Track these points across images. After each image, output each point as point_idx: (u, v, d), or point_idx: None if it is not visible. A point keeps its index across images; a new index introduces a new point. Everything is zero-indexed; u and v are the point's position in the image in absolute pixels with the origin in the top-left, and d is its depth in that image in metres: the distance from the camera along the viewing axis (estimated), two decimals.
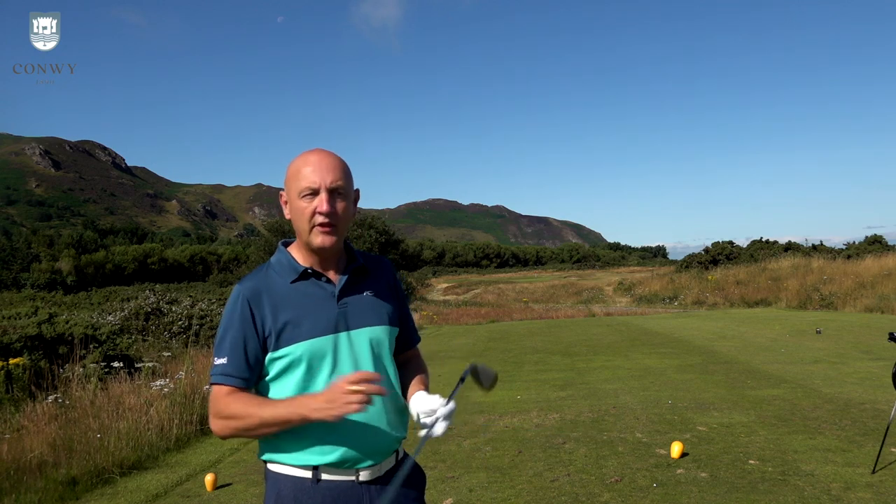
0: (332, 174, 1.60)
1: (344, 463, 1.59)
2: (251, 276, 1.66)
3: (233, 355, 1.58)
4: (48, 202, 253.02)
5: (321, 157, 1.61)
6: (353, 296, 1.67)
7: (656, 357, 10.03)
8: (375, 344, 1.67)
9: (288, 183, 1.64)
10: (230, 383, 1.57)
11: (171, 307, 12.75)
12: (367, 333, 1.66)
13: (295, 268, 1.65)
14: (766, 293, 23.58)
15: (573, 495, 4.00)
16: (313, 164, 1.60)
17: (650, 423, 5.71)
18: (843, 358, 9.05)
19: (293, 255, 1.68)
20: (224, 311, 1.64)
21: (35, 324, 7.86)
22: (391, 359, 1.72)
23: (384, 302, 1.73)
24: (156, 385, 6.38)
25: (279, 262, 1.68)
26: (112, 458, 5.01)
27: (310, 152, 1.64)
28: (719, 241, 38.83)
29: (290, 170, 1.63)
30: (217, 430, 1.57)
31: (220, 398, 1.56)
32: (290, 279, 1.64)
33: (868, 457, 4.44)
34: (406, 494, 1.68)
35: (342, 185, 1.61)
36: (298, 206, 1.60)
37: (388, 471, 1.66)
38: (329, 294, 1.64)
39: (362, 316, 1.66)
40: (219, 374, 1.58)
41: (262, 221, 62.69)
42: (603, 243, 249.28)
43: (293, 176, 1.61)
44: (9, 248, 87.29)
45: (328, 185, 1.59)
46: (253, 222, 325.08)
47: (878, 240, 31.26)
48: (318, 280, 1.65)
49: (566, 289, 48.94)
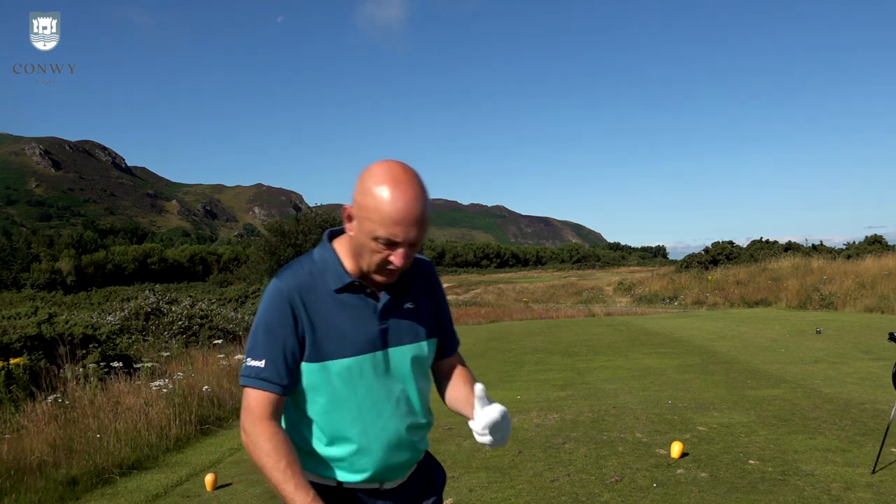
0: (416, 229, 1.41)
1: (369, 480, 1.56)
2: (292, 273, 1.53)
3: (272, 359, 1.48)
4: (48, 202, 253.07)
5: (409, 205, 1.39)
6: (394, 311, 1.56)
7: (656, 357, 10.03)
8: (413, 361, 1.59)
9: (361, 212, 1.42)
10: (269, 389, 1.47)
11: (171, 307, 12.75)
12: (405, 352, 1.57)
13: (341, 276, 1.52)
14: (766, 293, 23.58)
15: (573, 495, 4.00)
16: (399, 213, 1.38)
17: (650, 423, 5.71)
18: (843, 358, 9.04)
19: (341, 256, 1.54)
20: (261, 307, 1.53)
21: (35, 324, 7.86)
22: (427, 373, 1.65)
23: (425, 314, 1.63)
24: (155, 385, 6.37)
25: (324, 262, 1.54)
26: (112, 459, 5.01)
27: (397, 188, 1.39)
28: (719, 241, 38.89)
29: (369, 201, 1.40)
30: (244, 442, 1.50)
31: (254, 409, 1.48)
32: (335, 287, 1.51)
33: (868, 457, 4.44)
34: (428, 493, 1.68)
35: (422, 237, 1.44)
36: (369, 245, 1.43)
37: (410, 474, 1.64)
38: (371, 309, 1.53)
39: (401, 333, 1.57)
40: (254, 377, 1.48)
41: (262, 221, 62.55)
42: (603, 243, 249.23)
43: (371, 213, 1.40)
44: (9, 248, 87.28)
45: (411, 241, 1.42)
46: (253, 222, 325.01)
47: (878, 240, 31.27)
48: (363, 294, 1.53)
49: (566, 289, 48.96)
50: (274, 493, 1.48)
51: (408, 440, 1.58)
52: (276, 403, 1.49)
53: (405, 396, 1.57)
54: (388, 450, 1.54)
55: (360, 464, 1.53)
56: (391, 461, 1.56)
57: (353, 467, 1.53)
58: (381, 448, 1.54)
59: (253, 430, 1.47)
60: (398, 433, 1.55)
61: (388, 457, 1.55)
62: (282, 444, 1.46)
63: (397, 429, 1.56)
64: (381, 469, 1.55)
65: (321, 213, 34.99)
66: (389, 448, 1.54)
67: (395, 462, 1.57)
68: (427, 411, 1.65)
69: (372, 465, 1.54)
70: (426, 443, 1.68)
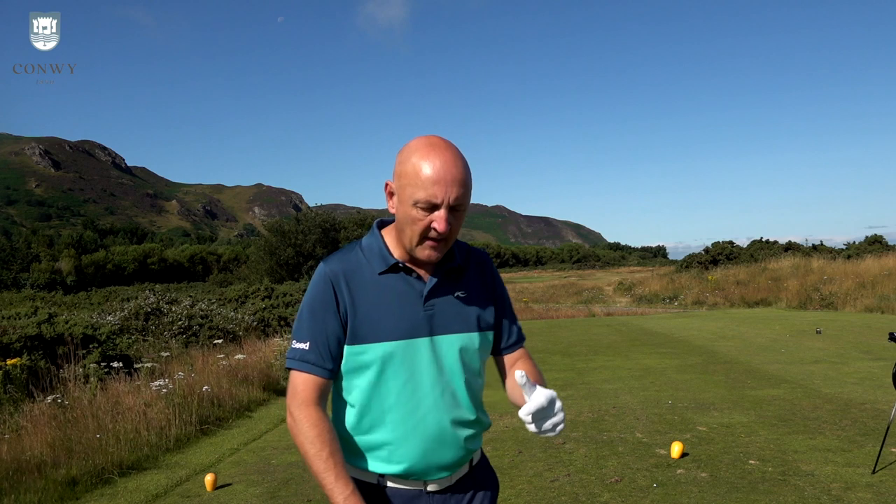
0: (456, 189, 1.40)
1: (410, 475, 1.50)
2: (338, 256, 1.52)
3: (315, 341, 1.46)
4: (48, 202, 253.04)
5: (447, 165, 1.39)
6: (442, 297, 1.52)
7: (656, 357, 10.03)
8: (461, 352, 1.52)
9: (401, 181, 1.43)
10: (314, 373, 1.46)
11: (171, 307, 12.74)
12: (452, 341, 1.51)
13: (385, 258, 1.50)
14: (766, 293, 23.55)
15: (573, 495, 4.00)
16: (438, 174, 1.38)
17: (650, 423, 5.71)
18: (843, 358, 9.04)
19: (387, 241, 1.53)
20: (307, 290, 1.52)
21: (35, 324, 7.86)
22: (479, 367, 1.59)
23: (477, 304, 1.57)
24: (155, 385, 6.37)
25: (370, 246, 1.53)
26: (111, 459, 5.01)
27: (433, 151, 1.41)
28: (719, 241, 38.79)
29: (408, 167, 1.41)
30: (288, 425, 1.48)
31: (300, 392, 1.46)
32: (379, 269, 1.49)
33: (868, 457, 4.43)
34: (478, 502, 1.60)
35: (464, 200, 1.43)
36: (410, 214, 1.42)
37: (459, 479, 1.57)
38: (417, 293, 1.50)
39: (450, 320, 1.52)
40: (299, 359, 1.47)
41: (262, 221, 62.56)
42: (603, 243, 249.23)
43: (412, 178, 1.40)
44: (9, 248, 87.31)
45: (451, 202, 1.41)
46: (253, 222, 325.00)
47: (878, 240, 31.21)
48: (407, 275, 1.50)
49: (566, 289, 48.92)
50: (315, 482, 1.45)
51: (452, 436, 1.51)
52: (321, 387, 1.48)
53: (451, 388, 1.51)
54: (427, 442, 1.48)
55: (398, 454, 1.48)
56: (432, 457, 1.49)
57: (392, 458, 1.48)
58: (420, 439, 1.48)
59: (298, 414, 1.44)
60: (439, 426, 1.49)
61: (429, 451, 1.49)
62: (326, 431, 1.43)
63: (439, 421, 1.49)
64: (420, 463, 1.49)
65: (321, 213, 35.00)
66: (429, 441, 1.48)
67: (437, 458, 1.50)
68: (478, 408, 1.58)
69: (410, 457, 1.48)
70: (478, 443, 1.60)
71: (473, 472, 1.60)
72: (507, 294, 1.69)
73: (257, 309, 14.89)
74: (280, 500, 4.26)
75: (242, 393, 7.49)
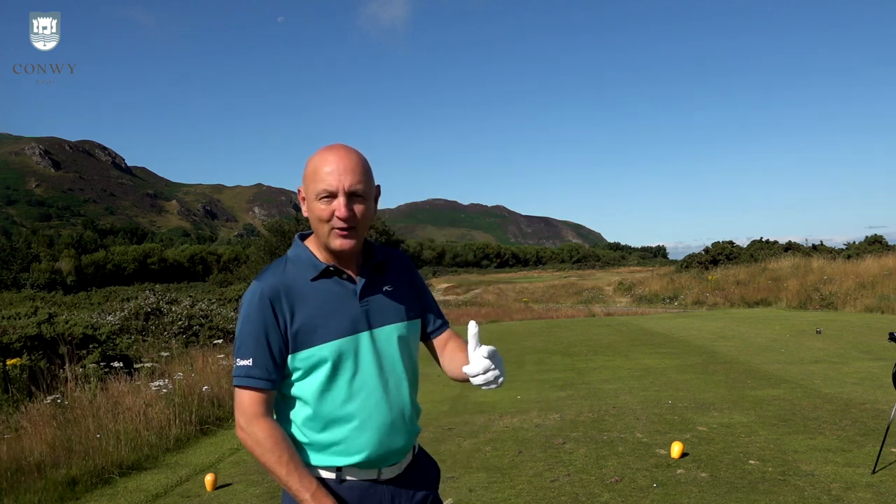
0: (350, 176, 1.53)
1: (367, 463, 1.58)
2: (270, 272, 1.60)
3: (258, 356, 1.53)
4: (48, 202, 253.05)
5: (339, 157, 1.54)
6: (373, 293, 1.63)
7: (656, 357, 10.02)
8: (399, 340, 1.64)
9: (306, 182, 1.57)
10: (257, 385, 1.53)
11: (171, 307, 12.74)
12: (390, 331, 1.63)
13: (315, 265, 1.60)
14: (766, 293, 23.55)
15: (573, 495, 4.00)
16: (331, 165, 1.53)
17: (650, 423, 5.71)
18: (843, 358, 9.04)
19: (312, 250, 1.63)
20: (242, 309, 1.59)
21: (35, 324, 7.86)
22: (413, 355, 1.70)
23: (405, 296, 1.70)
24: (155, 385, 6.37)
25: (298, 256, 1.63)
26: (111, 459, 5.01)
27: (328, 150, 1.57)
28: (719, 241, 38.79)
29: (308, 168, 1.57)
30: (241, 440, 1.55)
31: (247, 407, 1.53)
32: (311, 276, 1.58)
33: (868, 457, 4.43)
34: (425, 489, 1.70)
35: (361, 188, 1.55)
36: (316, 207, 1.54)
37: (406, 467, 1.67)
38: (350, 293, 1.60)
39: (384, 313, 1.63)
40: (244, 375, 1.53)
41: (262, 221, 62.61)
42: (603, 243, 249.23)
43: (311, 176, 1.55)
44: (9, 248, 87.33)
45: (346, 189, 1.53)
46: (253, 222, 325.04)
47: (878, 240, 31.20)
48: (339, 278, 1.61)
49: (566, 289, 48.94)
50: (280, 485, 1.53)
51: (401, 421, 1.62)
52: (267, 399, 1.56)
53: (395, 376, 1.62)
54: (382, 429, 1.58)
55: (355, 445, 1.56)
56: (386, 443, 1.59)
57: (350, 449, 1.56)
58: (375, 427, 1.57)
59: (250, 427, 1.52)
60: (391, 413, 1.59)
61: (384, 438, 1.58)
62: (281, 438, 1.52)
63: (390, 408, 1.60)
64: (377, 451, 1.58)
65: None
66: (383, 428, 1.58)
67: (390, 445, 1.60)
68: (416, 392, 1.70)
69: (368, 446, 1.56)
70: (418, 427, 1.71)
71: (417, 460, 1.72)
72: (425, 284, 1.84)
73: None
74: (280, 500, 4.26)
75: None
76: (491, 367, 1.49)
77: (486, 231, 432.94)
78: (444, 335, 1.80)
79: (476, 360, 1.50)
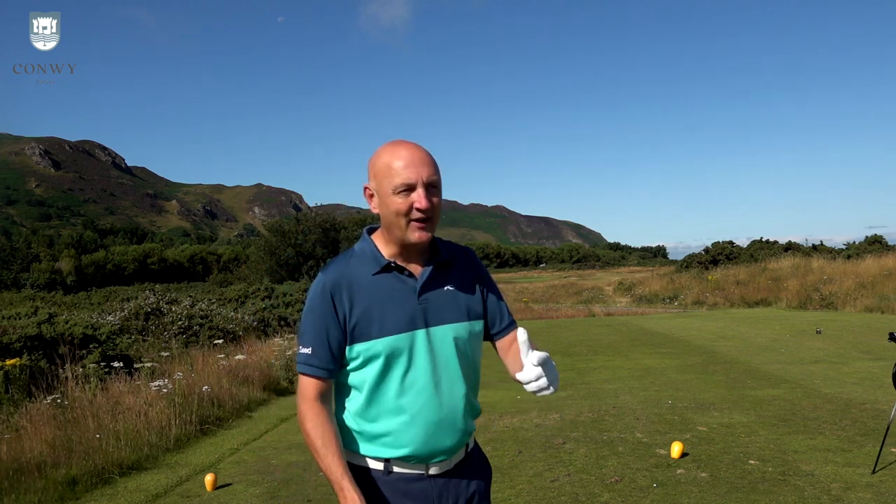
0: (426, 169, 1.57)
1: (414, 458, 1.61)
2: (334, 264, 1.65)
3: (317, 345, 1.60)
4: (48, 202, 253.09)
5: (413, 152, 1.58)
6: (434, 291, 1.65)
7: (656, 357, 10.03)
8: (455, 340, 1.65)
9: (378, 178, 1.59)
10: (315, 374, 1.60)
11: (171, 307, 12.74)
12: (446, 331, 1.64)
13: (378, 259, 1.63)
14: (766, 293, 23.54)
15: (573, 495, 4.00)
16: (406, 159, 1.56)
17: (650, 423, 5.71)
18: (843, 358, 9.04)
19: (378, 244, 1.66)
20: (307, 298, 1.65)
21: (35, 324, 7.86)
22: (473, 355, 1.70)
23: (467, 295, 1.70)
24: (155, 385, 6.37)
25: (363, 250, 1.66)
26: (111, 459, 5.01)
27: (397, 145, 1.60)
28: (719, 241, 38.76)
29: (380, 164, 1.59)
30: (298, 419, 1.62)
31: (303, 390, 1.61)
32: (373, 271, 1.62)
33: (868, 457, 4.43)
34: (475, 487, 1.71)
35: (437, 178, 1.60)
36: (393, 201, 1.56)
37: (457, 463, 1.68)
38: (410, 289, 1.62)
39: (442, 312, 1.64)
40: (304, 363, 1.61)
41: (262, 221, 62.54)
42: (603, 243, 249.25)
43: (384, 171, 1.57)
44: (9, 248, 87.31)
45: (425, 181, 1.56)
46: (253, 222, 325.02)
47: (878, 240, 31.19)
48: (400, 274, 1.63)
49: (566, 289, 48.91)
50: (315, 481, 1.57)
51: (450, 421, 1.63)
52: (322, 386, 1.62)
53: (448, 376, 1.63)
54: (430, 427, 1.60)
55: (403, 439, 1.59)
56: (433, 441, 1.61)
57: (397, 442, 1.59)
58: (423, 424, 1.59)
59: (304, 409, 1.60)
60: (440, 412, 1.61)
61: (431, 435, 1.60)
62: (324, 422, 1.58)
63: (440, 407, 1.61)
64: (423, 448, 1.60)
65: (321, 213, 34.94)
66: (431, 426, 1.60)
67: (437, 443, 1.62)
68: (473, 394, 1.70)
69: (414, 441, 1.59)
70: (473, 427, 1.72)
71: (469, 458, 1.73)
72: (493, 282, 1.81)
73: (257, 309, 14.90)
74: (280, 500, 4.26)
75: (242, 393, 7.50)
76: (541, 374, 1.50)
77: (486, 231, 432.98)
78: (510, 337, 1.78)
79: (527, 368, 1.50)
